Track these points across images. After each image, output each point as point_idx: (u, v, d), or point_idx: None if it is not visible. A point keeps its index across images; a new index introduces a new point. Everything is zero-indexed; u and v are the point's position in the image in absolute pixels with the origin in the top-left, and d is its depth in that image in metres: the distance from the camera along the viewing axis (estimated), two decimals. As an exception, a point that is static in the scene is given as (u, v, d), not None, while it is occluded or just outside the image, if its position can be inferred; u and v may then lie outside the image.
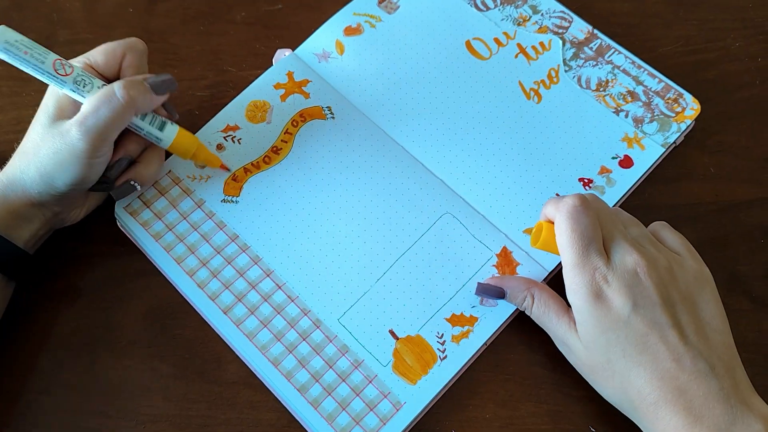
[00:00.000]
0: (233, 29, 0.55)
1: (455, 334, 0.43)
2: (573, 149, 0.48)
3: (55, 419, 0.42)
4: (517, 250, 0.45)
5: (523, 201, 0.46)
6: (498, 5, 0.53)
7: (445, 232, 0.45)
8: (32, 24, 0.55)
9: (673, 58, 0.53)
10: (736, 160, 0.50)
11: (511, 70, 0.51)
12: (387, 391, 0.42)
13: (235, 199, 0.47)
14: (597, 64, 0.51)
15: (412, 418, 0.41)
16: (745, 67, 0.53)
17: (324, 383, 0.42)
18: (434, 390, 0.42)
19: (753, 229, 0.48)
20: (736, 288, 0.46)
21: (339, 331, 0.43)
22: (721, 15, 0.55)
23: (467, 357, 0.42)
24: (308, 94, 0.50)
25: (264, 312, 0.44)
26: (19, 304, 0.44)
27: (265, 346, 0.43)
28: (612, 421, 0.41)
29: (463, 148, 0.48)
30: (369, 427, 0.41)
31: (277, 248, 0.45)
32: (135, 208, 0.47)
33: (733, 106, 0.52)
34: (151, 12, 0.55)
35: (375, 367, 0.42)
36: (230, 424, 0.42)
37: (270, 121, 0.49)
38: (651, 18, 0.55)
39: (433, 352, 0.42)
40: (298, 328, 0.43)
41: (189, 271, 0.45)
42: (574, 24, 0.52)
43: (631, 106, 0.49)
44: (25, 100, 0.52)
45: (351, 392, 0.42)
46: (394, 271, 0.45)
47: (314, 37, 0.52)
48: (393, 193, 0.47)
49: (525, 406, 0.43)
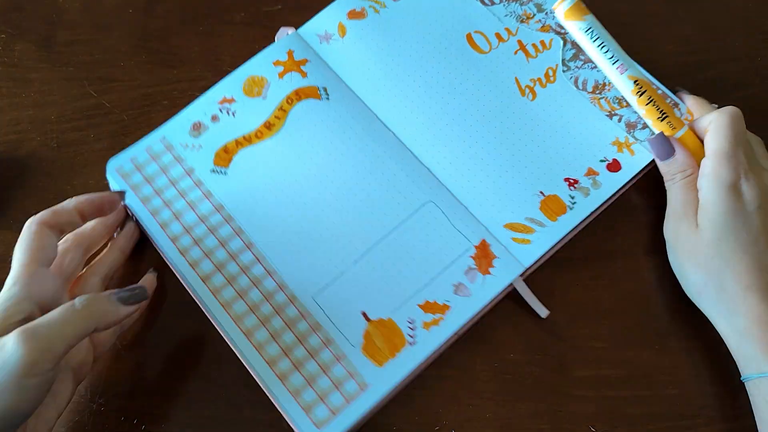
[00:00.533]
0: (232, 30, 0.55)
1: (426, 320, 0.43)
2: (562, 149, 0.48)
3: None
4: (496, 243, 0.45)
5: (506, 195, 0.47)
6: (503, 1, 0.53)
7: (426, 220, 0.46)
8: (32, 24, 0.55)
9: (672, 58, 0.53)
10: None
11: (509, 66, 0.51)
12: (354, 372, 0.42)
13: (224, 171, 0.48)
14: (596, 66, 0.51)
15: (377, 400, 0.42)
16: (745, 67, 0.53)
17: (293, 358, 0.43)
18: (401, 374, 0.42)
19: None
20: None
21: (313, 309, 0.44)
22: (721, 15, 0.55)
23: (436, 344, 0.43)
24: (306, 73, 0.50)
25: (241, 283, 0.44)
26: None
27: (240, 317, 0.43)
28: (612, 421, 0.42)
29: (453, 138, 0.48)
30: (333, 405, 0.41)
31: (260, 222, 0.46)
32: (126, 171, 0.48)
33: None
34: (151, 13, 0.56)
35: (345, 346, 0.43)
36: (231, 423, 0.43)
37: (266, 97, 0.50)
38: (650, 17, 0.55)
39: (402, 337, 0.43)
40: (273, 302, 0.44)
41: (173, 236, 0.46)
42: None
43: (626, 111, 0.49)
44: (24, 101, 0.52)
45: (319, 369, 0.42)
46: (373, 254, 0.45)
47: (318, 17, 0.52)
48: (379, 178, 0.47)
49: (525, 406, 0.43)
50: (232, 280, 0.45)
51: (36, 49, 0.54)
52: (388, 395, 0.42)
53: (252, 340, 0.43)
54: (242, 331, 0.43)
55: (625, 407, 0.43)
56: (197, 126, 0.49)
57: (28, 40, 0.54)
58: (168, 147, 0.48)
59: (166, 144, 0.49)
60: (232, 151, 0.48)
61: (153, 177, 0.47)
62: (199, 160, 0.48)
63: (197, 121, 0.49)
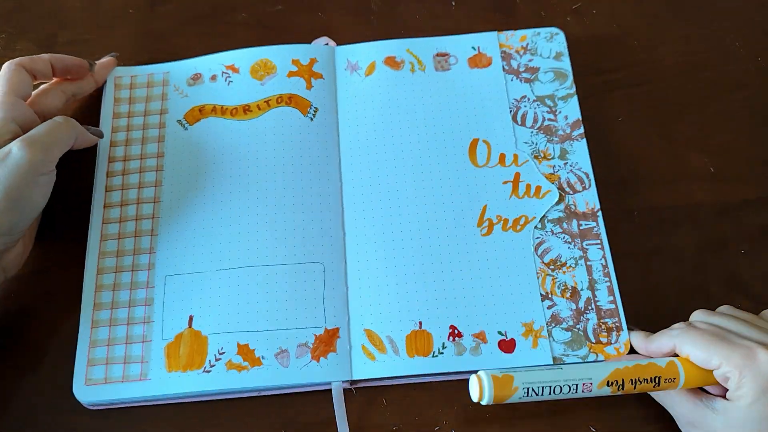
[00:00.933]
0: (234, 30, 0.55)
1: (234, 360, 0.43)
2: (474, 296, 0.44)
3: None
4: (345, 339, 0.43)
5: (387, 305, 0.44)
6: (534, 128, 0.49)
7: (305, 276, 0.45)
8: (33, 24, 0.55)
9: (672, 58, 0.53)
10: (736, 160, 0.50)
11: (488, 191, 0.47)
12: (146, 360, 0.43)
13: (186, 126, 0.49)
14: (571, 243, 0.45)
15: (144, 397, 0.42)
16: (745, 67, 0.53)
17: (114, 315, 0.44)
18: (172, 390, 0.42)
19: (753, 229, 0.48)
20: (736, 288, 0.46)
21: (158, 285, 0.45)
22: (721, 15, 0.55)
23: (221, 387, 0.42)
24: (312, 86, 0.50)
25: (127, 227, 0.46)
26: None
27: (104, 254, 0.46)
28: (612, 421, 0.42)
29: (386, 227, 0.46)
30: (110, 375, 0.42)
31: (179, 186, 0.47)
32: (123, 83, 0.51)
33: (733, 106, 0.52)
34: (152, 13, 0.56)
35: (156, 334, 0.43)
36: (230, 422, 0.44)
37: (264, 84, 0.50)
38: (651, 18, 0.55)
39: (203, 359, 0.43)
40: (137, 260, 0.45)
41: (112, 157, 0.48)
42: (586, 193, 0.47)
43: (562, 305, 0.44)
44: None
45: (124, 338, 0.43)
46: (239, 272, 0.45)
47: (360, 47, 0.52)
48: (298, 214, 0.46)
49: (525, 406, 0.42)
50: (123, 219, 0.46)
51: (37, 49, 0.53)
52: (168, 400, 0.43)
53: (97, 280, 0.45)
54: (97, 267, 0.45)
55: (623, 407, 0.43)
56: (196, 77, 0.51)
57: (29, 39, 0.54)
58: (164, 82, 0.51)
59: (165, 78, 0.51)
60: (205, 114, 0.50)
61: (136, 100, 0.50)
62: (177, 106, 0.50)
63: (198, 73, 0.51)
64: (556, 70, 0.51)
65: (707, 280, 0.46)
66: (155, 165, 0.48)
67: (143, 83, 0.51)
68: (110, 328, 0.44)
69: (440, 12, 0.56)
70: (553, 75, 0.50)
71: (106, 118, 0.50)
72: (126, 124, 0.50)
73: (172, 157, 0.48)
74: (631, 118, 0.51)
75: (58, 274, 0.47)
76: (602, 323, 0.43)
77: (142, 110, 0.50)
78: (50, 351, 0.45)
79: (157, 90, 0.51)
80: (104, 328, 0.44)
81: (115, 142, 0.49)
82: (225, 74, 0.51)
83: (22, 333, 0.45)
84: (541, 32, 0.52)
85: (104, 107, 0.50)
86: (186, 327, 0.44)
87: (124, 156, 0.49)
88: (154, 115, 0.50)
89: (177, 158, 0.48)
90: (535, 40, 0.52)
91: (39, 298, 0.46)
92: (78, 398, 0.42)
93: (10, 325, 0.45)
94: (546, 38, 0.52)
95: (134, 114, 0.50)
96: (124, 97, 0.50)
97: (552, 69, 0.51)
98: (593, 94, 0.52)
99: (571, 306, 0.44)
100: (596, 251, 0.45)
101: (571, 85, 0.50)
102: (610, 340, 0.43)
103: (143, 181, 0.48)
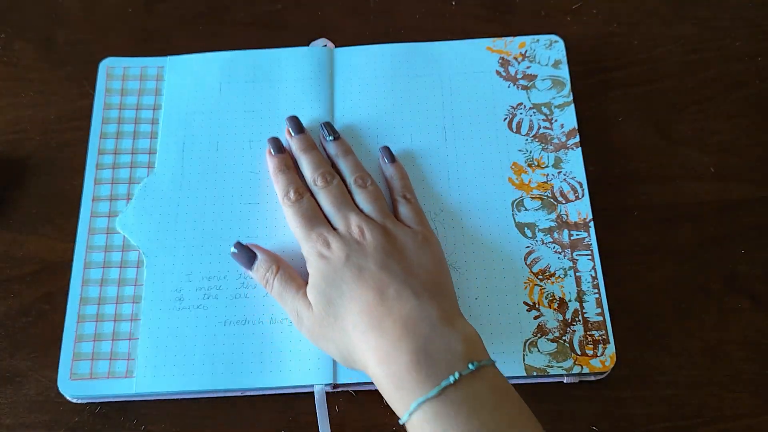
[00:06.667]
0: (232, 29, 0.55)
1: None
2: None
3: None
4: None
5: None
6: (529, 135, 0.48)
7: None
8: (32, 24, 0.55)
9: (672, 58, 0.53)
10: (736, 159, 0.50)
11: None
12: (133, 357, 0.42)
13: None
14: (561, 253, 0.44)
15: (129, 393, 0.42)
16: (745, 67, 0.53)
17: (101, 311, 0.43)
18: (157, 388, 0.42)
19: (753, 229, 0.47)
20: (736, 287, 0.46)
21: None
22: (721, 14, 0.55)
23: (203, 387, 0.42)
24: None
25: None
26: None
27: (92, 248, 0.45)
28: (612, 421, 0.42)
29: None
30: (96, 371, 0.42)
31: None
32: (114, 74, 0.51)
33: (733, 106, 0.51)
34: (150, 12, 0.55)
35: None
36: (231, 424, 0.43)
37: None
38: (651, 17, 0.55)
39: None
40: (125, 255, 0.45)
41: (102, 150, 0.48)
42: (579, 203, 0.46)
43: (549, 316, 0.43)
44: (24, 101, 0.52)
45: (110, 334, 0.43)
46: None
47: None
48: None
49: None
50: (112, 214, 0.46)
51: (35, 49, 0.54)
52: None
53: (84, 274, 0.44)
54: (84, 261, 0.45)
55: (625, 407, 0.42)
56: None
57: (27, 39, 0.54)
58: (158, 77, 0.51)
59: (159, 72, 0.51)
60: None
61: (128, 92, 0.50)
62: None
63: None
64: (554, 77, 0.50)
65: (707, 279, 0.46)
66: (146, 161, 0.48)
67: (136, 75, 0.51)
68: (96, 324, 0.43)
69: (440, 11, 0.55)
70: (551, 83, 0.50)
71: (96, 111, 0.49)
72: (117, 115, 0.49)
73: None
74: (631, 117, 0.51)
75: (49, 266, 0.46)
76: (589, 335, 0.42)
77: (134, 103, 0.50)
78: (39, 345, 0.44)
79: (151, 84, 0.50)
80: (90, 323, 0.43)
81: (105, 134, 0.49)
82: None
83: (15, 328, 0.45)
84: (540, 39, 0.51)
85: (96, 98, 0.50)
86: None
87: (114, 148, 0.48)
88: (147, 110, 0.49)
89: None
90: (534, 47, 0.51)
91: (31, 293, 0.46)
92: (62, 392, 0.42)
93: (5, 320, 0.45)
94: (545, 45, 0.51)
95: (125, 106, 0.50)
96: (116, 89, 0.50)
97: (550, 77, 0.50)
98: (593, 94, 0.51)
99: (557, 317, 0.43)
100: (586, 262, 0.44)
101: (569, 93, 0.49)
102: (596, 352, 0.42)
103: (135, 177, 0.47)
